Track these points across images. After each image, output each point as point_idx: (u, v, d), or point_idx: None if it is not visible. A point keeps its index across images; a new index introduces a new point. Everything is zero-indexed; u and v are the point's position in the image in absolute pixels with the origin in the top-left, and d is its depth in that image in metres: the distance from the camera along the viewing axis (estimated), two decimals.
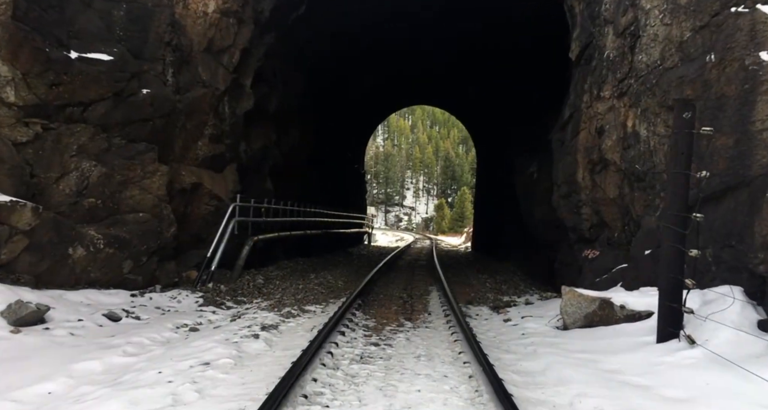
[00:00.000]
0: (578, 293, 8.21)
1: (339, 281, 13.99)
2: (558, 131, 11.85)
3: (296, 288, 12.15)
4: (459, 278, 16.37)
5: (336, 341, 7.02)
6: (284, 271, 14.70)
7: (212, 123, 11.29)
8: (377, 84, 24.09)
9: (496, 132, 22.09)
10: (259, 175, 14.22)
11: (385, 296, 12.07)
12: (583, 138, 10.49)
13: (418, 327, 8.81)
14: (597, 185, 10.20)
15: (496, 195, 23.22)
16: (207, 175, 11.59)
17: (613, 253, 9.91)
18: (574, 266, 12.20)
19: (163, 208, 10.10)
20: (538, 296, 12.11)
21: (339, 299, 11.16)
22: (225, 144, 11.96)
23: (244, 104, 12.24)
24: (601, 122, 9.88)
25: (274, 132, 14.67)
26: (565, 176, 11.08)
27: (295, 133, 16.26)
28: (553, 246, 14.94)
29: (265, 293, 11.36)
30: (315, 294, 11.58)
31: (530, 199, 16.45)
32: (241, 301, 10.26)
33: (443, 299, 11.68)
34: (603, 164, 9.97)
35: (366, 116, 29.36)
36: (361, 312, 9.80)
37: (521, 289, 13.90)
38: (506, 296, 12.59)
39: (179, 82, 10.37)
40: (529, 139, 16.75)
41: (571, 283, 12.87)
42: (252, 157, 13.45)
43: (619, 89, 9.41)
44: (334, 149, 24.04)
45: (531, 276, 16.33)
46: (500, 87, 20.12)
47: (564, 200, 11.36)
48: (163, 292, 9.60)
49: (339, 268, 17.55)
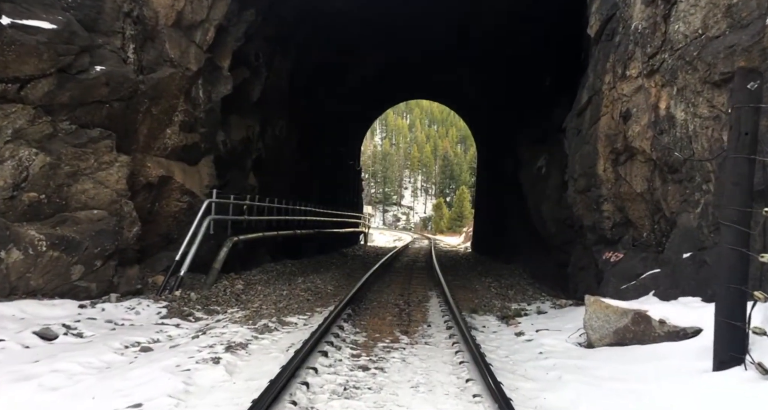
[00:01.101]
0: (605, 305, 6.92)
1: (329, 287, 12.69)
2: (573, 118, 10.56)
3: (279, 295, 10.84)
4: (460, 282, 15.07)
5: (315, 365, 5.72)
6: (269, 275, 13.39)
7: (183, 109, 9.97)
8: (374, 74, 22.76)
9: (499, 125, 20.80)
10: (240, 169, 12.90)
11: (379, 303, 10.79)
12: (604, 124, 9.20)
13: (416, 342, 7.53)
14: (621, 178, 8.91)
15: (499, 192, 21.91)
16: (178, 168, 10.28)
17: (641, 256, 8.63)
18: (591, 269, 10.91)
19: (123, 204, 8.79)
20: (550, 304, 10.81)
21: (326, 307, 9.87)
22: (199, 133, 10.64)
23: (221, 88, 10.92)
24: (627, 104, 8.59)
25: (258, 122, 13.34)
26: (582, 168, 9.79)
27: (282, 124, 14.94)
28: (563, 247, 13.65)
29: (243, 301, 10.05)
30: (300, 302, 10.27)
31: (538, 195, 15.17)
32: (214, 311, 8.95)
33: (444, 307, 10.42)
34: (629, 153, 8.68)
35: (362, 109, 28.03)
36: (350, 323, 8.51)
37: (530, 295, 12.61)
38: (514, 304, 11.29)
39: (142, 60, 9.05)
40: (537, 131, 15.46)
41: (587, 289, 11.61)
42: (232, 149, 12.13)
43: (650, 66, 8.12)
44: (327, 144, 22.72)
45: (539, 280, 15.04)
46: (505, 76, 18.83)
47: (581, 196, 10.07)
48: (121, 302, 8.28)
49: (330, 271, 16.24)
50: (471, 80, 22.58)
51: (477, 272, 17.68)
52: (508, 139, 18.50)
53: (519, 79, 17.43)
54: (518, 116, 17.44)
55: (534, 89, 16.18)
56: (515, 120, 17.78)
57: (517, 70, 17.47)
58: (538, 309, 10.27)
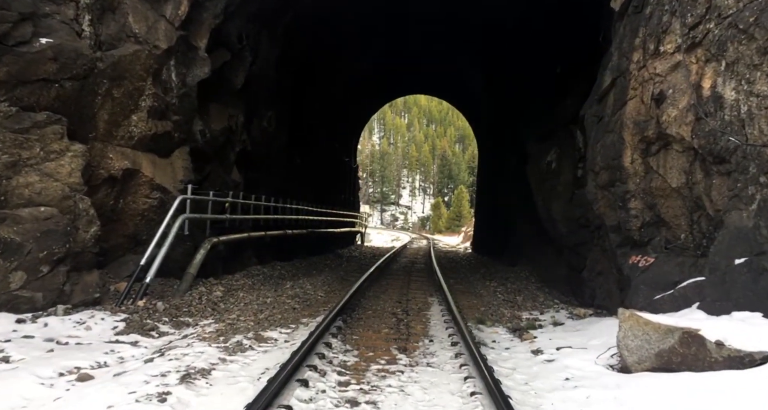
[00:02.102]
0: (644, 320, 5.75)
1: (319, 292, 11.50)
2: (593, 105, 9.37)
3: (262, 303, 9.66)
4: (463, 286, 13.90)
5: (290, 402, 4.53)
6: (254, 279, 12.19)
7: (152, 93, 8.76)
8: (371, 65, 21.55)
9: (503, 117, 19.59)
10: (222, 163, 11.70)
11: (374, 312, 9.62)
12: (632, 109, 8.02)
13: (416, 364, 6.37)
14: (652, 171, 7.74)
15: (502, 190, 20.70)
16: (147, 159, 9.08)
17: (676, 261, 7.45)
18: (611, 274, 9.74)
19: (77, 201, 7.59)
20: (566, 314, 9.64)
21: (314, 318, 8.69)
22: (172, 121, 9.44)
23: (197, 71, 9.72)
24: (661, 85, 7.42)
25: (242, 112, 12.14)
26: (605, 160, 8.61)
27: (270, 115, 13.73)
28: (576, 249, 12.48)
29: (219, 310, 8.86)
30: (284, 312, 9.09)
31: (547, 193, 13.99)
32: (183, 323, 7.76)
33: (447, 316, 9.27)
34: (662, 142, 7.51)
35: (358, 103, 26.79)
36: (340, 338, 7.34)
37: (541, 302, 11.43)
38: (525, 313, 10.12)
39: (100, 34, 7.85)
40: (546, 123, 14.28)
41: (606, 296, 10.45)
42: (212, 140, 10.93)
43: (690, 39, 6.96)
44: (321, 139, 21.51)
45: (549, 285, 13.86)
46: (510, 64, 17.64)
47: (603, 192, 8.89)
48: (70, 315, 7.08)
49: (323, 274, 15.04)
50: (472, 71, 21.39)
51: (480, 275, 16.51)
52: (513, 132, 17.31)
53: (525, 68, 16.25)
54: (524, 107, 16.25)
55: (542, 78, 14.99)
56: (521, 112, 16.59)
57: (524, 58, 16.28)
58: (554, 319, 9.09)
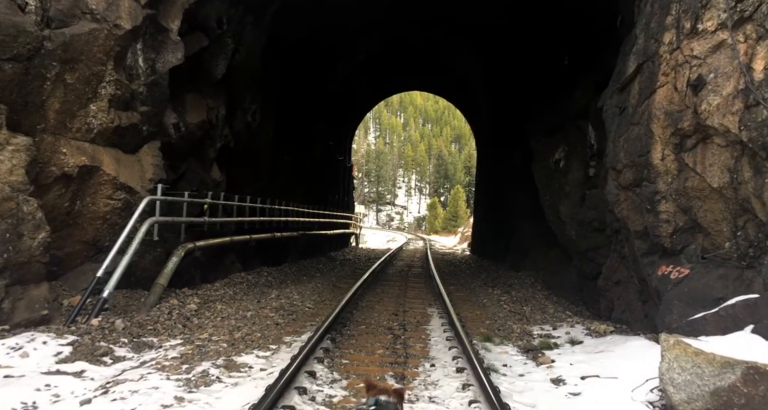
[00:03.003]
0: (694, 350, 4.74)
1: (307, 303, 10.44)
2: (614, 95, 8.33)
3: (242, 317, 8.59)
4: (464, 294, 12.87)
5: None
6: (236, 288, 11.11)
7: (114, 79, 7.67)
8: (366, 58, 20.47)
9: (505, 113, 18.55)
10: (200, 160, 10.61)
11: (368, 327, 8.59)
12: (662, 98, 6.99)
13: (417, 398, 5.37)
14: (687, 169, 6.71)
15: (504, 190, 19.66)
16: (109, 156, 7.99)
17: (717, 273, 6.43)
18: (632, 285, 8.72)
19: (21, 202, 6.51)
20: (583, 329, 8.59)
21: (299, 335, 7.65)
22: (139, 113, 8.35)
23: (168, 56, 8.63)
24: (699, 69, 6.39)
25: (224, 104, 11.05)
26: (629, 156, 7.57)
27: (255, 109, 12.64)
28: (588, 254, 11.46)
29: (191, 327, 7.79)
30: (265, 328, 8.02)
31: (555, 193, 12.97)
32: (145, 345, 6.69)
33: (449, 331, 8.26)
34: (701, 134, 6.48)
35: (353, 99, 25.68)
36: (326, 364, 6.31)
37: (552, 314, 10.39)
38: (536, 327, 9.08)
39: (48, 9, 6.77)
40: (553, 118, 13.25)
41: (626, 309, 9.41)
42: (188, 134, 9.85)
43: (738, 13, 5.93)
44: (313, 136, 20.43)
45: (557, 293, 12.83)
46: (513, 56, 16.61)
47: (626, 193, 7.85)
48: (5, 338, 5.98)
49: (314, 280, 13.98)
50: (472, 64, 20.36)
51: (482, 281, 15.47)
52: (517, 128, 16.27)
53: (529, 60, 15.22)
54: (529, 101, 15.22)
55: (548, 70, 13.97)
56: (525, 107, 15.55)
57: (527, 49, 15.26)
58: (570, 336, 8.04)
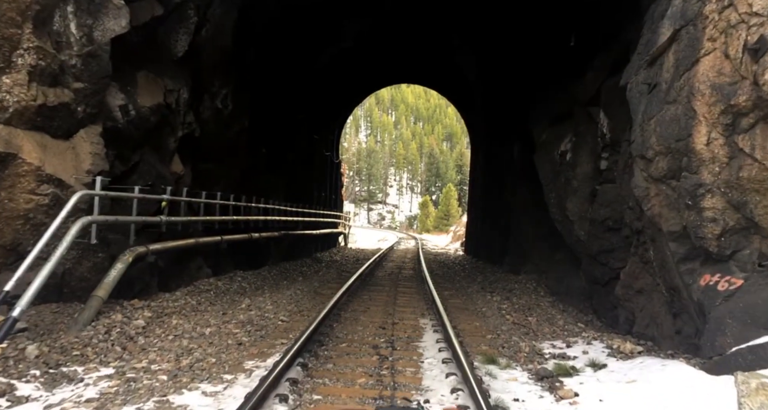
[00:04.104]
0: None
1: (281, 314, 9.07)
2: (641, 70, 7.01)
3: (198, 335, 7.21)
4: (460, 301, 11.54)
5: None
6: (200, 297, 9.71)
7: (35, 46, 6.26)
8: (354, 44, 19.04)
9: (503, 101, 17.20)
10: (158, 150, 9.19)
11: (349, 345, 7.26)
12: (708, 69, 5.69)
13: None
14: (742, 154, 5.41)
15: (502, 185, 18.32)
16: (31, 141, 6.57)
17: None
18: (659, 294, 7.41)
19: None
20: (603, 347, 7.27)
21: (265, 360, 6.30)
22: (72, 90, 6.94)
23: (109, 23, 7.21)
24: (760, 29, 5.10)
25: (186, 87, 9.63)
26: (664, 141, 6.26)
27: (226, 93, 11.22)
28: (600, 258, 10.15)
29: (132, 350, 6.40)
30: (224, 350, 6.65)
31: (561, 189, 11.66)
32: (63, 378, 5.31)
33: (446, 351, 6.97)
34: (762, 111, 5.19)
35: (341, 90, 24.26)
36: (293, 401, 4.94)
37: (562, 326, 9.07)
38: (546, 343, 7.75)
39: None
40: (559, 105, 11.94)
41: (651, 322, 8.08)
42: (140, 119, 8.43)
43: None
44: (296, 128, 19.01)
45: (562, 299, 11.54)
46: (511, 38, 15.28)
47: (659, 186, 6.53)
48: None
49: (293, 286, 12.60)
50: (466, 52, 19.02)
51: (478, 285, 14.16)
52: (516, 120, 14.96)
53: (529, 43, 13.91)
54: (531, 89, 13.91)
55: (551, 53, 12.66)
56: (526, 95, 14.24)
57: (527, 31, 13.94)
58: (590, 358, 6.71)
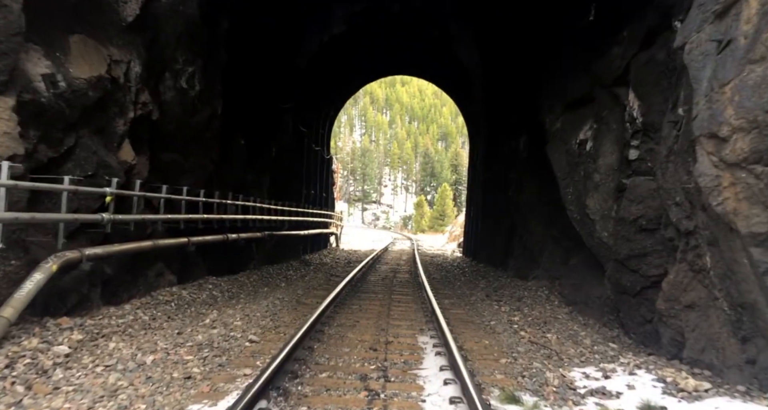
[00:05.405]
0: None
1: (251, 332, 7.48)
2: (705, 25, 5.45)
3: (136, 365, 5.63)
4: (463, 311, 10.00)
5: None
6: (153, 311, 8.11)
7: None
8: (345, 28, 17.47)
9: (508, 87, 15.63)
10: (101, 134, 7.58)
11: (331, 375, 5.72)
12: None
13: None
14: None
15: (506, 181, 16.73)
16: None
17: None
18: (718, 311, 5.89)
19: None
20: (652, 379, 5.74)
21: (216, 402, 4.72)
22: None
23: None
24: None
25: (138, 59, 8.04)
26: (745, 113, 4.70)
27: (192, 71, 9.61)
28: (630, 263, 8.60)
29: (39, 390, 4.83)
30: (164, 388, 5.07)
31: (580, 184, 10.12)
32: None
33: (454, 384, 5.52)
34: None
35: (331, 80, 22.66)
36: None
37: (588, 345, 7.52)
38: (576, 371, 6.19)
39: None
40: (578, 86, 10.40)
41: (709, 346, 6.50)
42: (75, 95, 6.84)
43: None
44: (280, 120, 17.43)
45: (581, 310, 10.00)
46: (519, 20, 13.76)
47: (736, 173, 4.98)
48: None
49: (275, 293, 11.03)
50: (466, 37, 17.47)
51: (482, 292, 12.62)
52: (523, 106, 13.43)
53: (540, 18, 12.38)
54: (541, 71, 12.38)
55: (567, 28, 11.13)
56: (535, 79, 12.71)
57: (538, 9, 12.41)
58: (640, 397, 5.16)
